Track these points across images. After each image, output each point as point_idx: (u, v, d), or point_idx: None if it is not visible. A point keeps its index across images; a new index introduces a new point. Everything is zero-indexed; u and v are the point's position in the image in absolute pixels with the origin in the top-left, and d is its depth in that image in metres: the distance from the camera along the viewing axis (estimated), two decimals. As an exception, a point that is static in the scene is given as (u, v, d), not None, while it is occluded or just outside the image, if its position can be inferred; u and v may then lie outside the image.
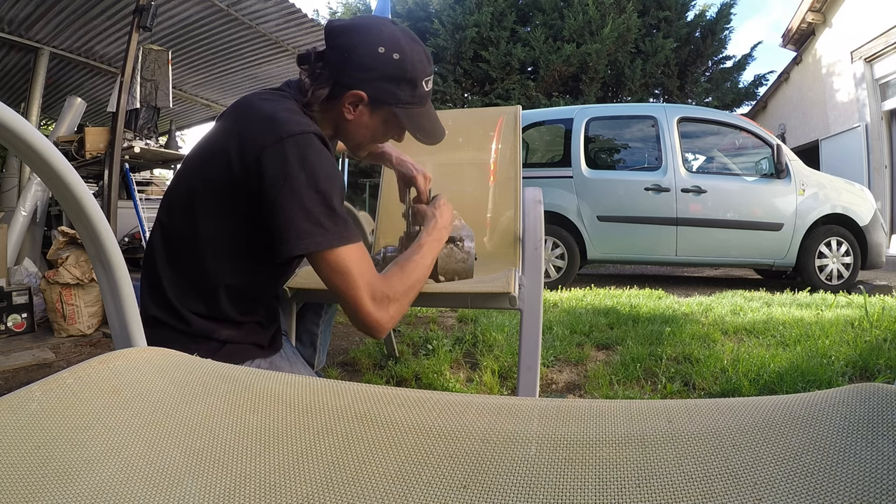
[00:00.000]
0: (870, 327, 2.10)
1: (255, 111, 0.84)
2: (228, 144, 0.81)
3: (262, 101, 0.85)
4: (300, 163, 0.77)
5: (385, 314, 0.82)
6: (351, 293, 0.79)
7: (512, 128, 1.52)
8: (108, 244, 0.54)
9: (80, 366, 0.47)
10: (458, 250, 1.06)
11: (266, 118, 0.81)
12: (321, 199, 0.77)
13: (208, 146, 0.88)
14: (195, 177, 0.87)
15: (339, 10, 11.34)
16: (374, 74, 0.85)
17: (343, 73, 0.85)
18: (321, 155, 0.79)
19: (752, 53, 10.79)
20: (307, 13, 3.73)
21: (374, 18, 0.90)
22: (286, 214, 0.76)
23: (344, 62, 0.85)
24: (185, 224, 0.86)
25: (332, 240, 0.77)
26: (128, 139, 2.96)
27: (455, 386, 1.61)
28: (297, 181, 0.77)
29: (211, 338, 0.86)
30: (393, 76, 0.86)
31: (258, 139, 0.79)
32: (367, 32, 0.86)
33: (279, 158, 0.77)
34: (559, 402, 0.43)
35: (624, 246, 4.28)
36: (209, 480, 0.34)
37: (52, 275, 2.29)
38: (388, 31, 0.87)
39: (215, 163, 0.83)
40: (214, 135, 0.89)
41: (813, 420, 0.35)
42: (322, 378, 0.50)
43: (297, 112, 0.85)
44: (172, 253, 0.87)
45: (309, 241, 0.76)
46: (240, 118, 0.85)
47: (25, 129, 0.42)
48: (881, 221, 4.21)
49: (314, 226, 0.77)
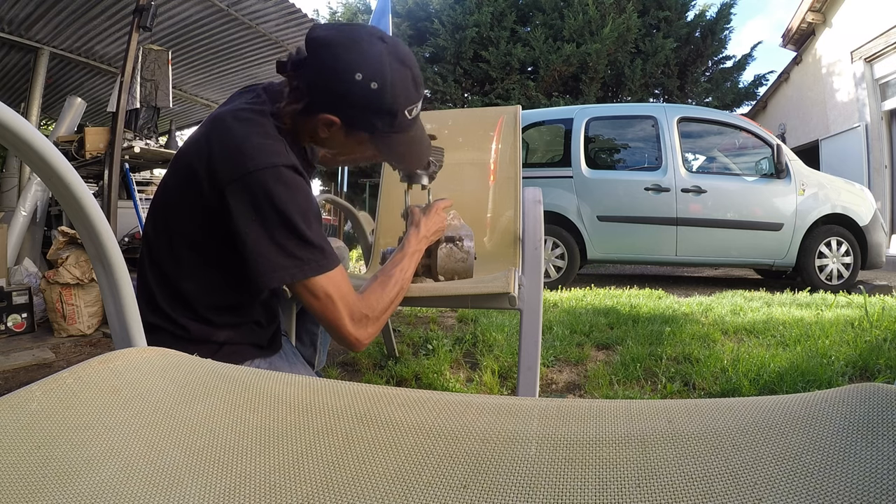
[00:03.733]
0: (870, 327, 2.10)
1: (225, 136, 0.80)
2: (198, 169, 0.80)
3: (234, 123, 0.81)
4: (267, 198, 0.75)
5: (364, 332, 0.84)
6: (330, 316, 0.81)
7: (512, 128, 1.52)
8: (108, 244, 0.54)
9: (80, 366, 0.47)
10: (457, 250, 1.06)
11: (234, 148, 0.78)
12: (292, 232, 0.76)
13: (182, 163, 0.86)
14: (170, 194, 0.86)
15: (339, 9, 11.33)
16: (347, 102, 0.80)
17: (316, 94, 0.80)
18: (290, 186, 0.77)
19: (752, 53, 10.79)
20: (307, 13, 3.73)
21: (359, 33, 0.81)
22: (259, 249, 0.76)
23: (318, 83, 0.79)
24: (164, 242, 0.86)
25: (307, 270, 0.77)
26: (128, 139, 2.96)
27: (455, 386, 1.61)
28: (266, 217, 0.76)
29: (209, 341, 0.86)
30: (368, 107, 0.80)
31: (224, 173, 0.77)
32: (348, 52, 0.78)
33: (246, 194, 0.76)
34: (559, 402, 0.43)
35: (624, 246, 4.28)
36: (209, 480, 0.34)
37: (52, 275, 2.29)
38: (371, 54, 0.78)
39: (187, 186, 0.81)
40: (187, 150, 0.86)
41: (813, 420, 0.35)
42: (322, 378, 0.50)
43: (270, 136, 0.80)
44: (157, 267, 0.87)
45: (283, 274, 0.76)
46: (210, 139, 0.81)
47: (25, 129, 0.42)
48: (881, 221, 4.21)
49: (288, 258, 0.76)
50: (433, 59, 10.19)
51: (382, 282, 0.90)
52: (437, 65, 10.05)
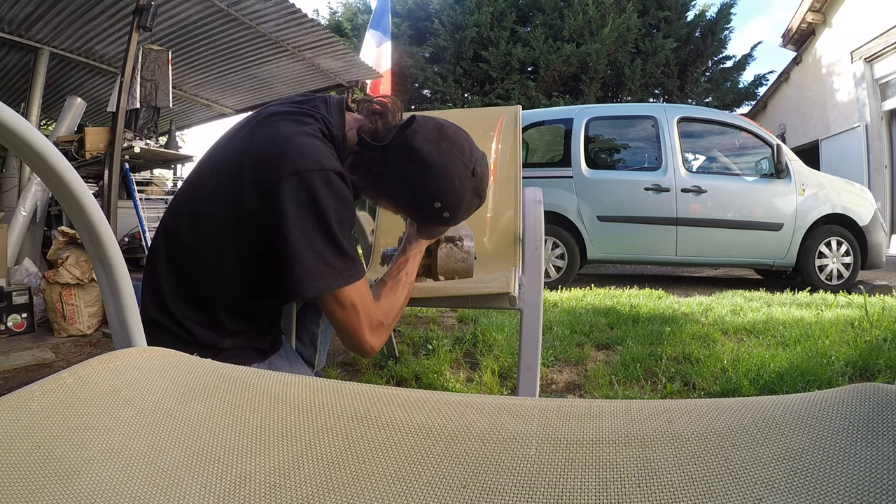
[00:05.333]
0: (870, 327, 2.10)
1: (275, 136, 0.80)
2: (244, 165, 0.80)
3: (285, 124, 0.82)
4: (313, 201, 0.76)
5: (378, 340, 0.85)
6: (352, 326, 0.81)
7: (512, 128, 1.52)
8: (108, 244, 0.54)
9: (80, 366, 0.47)
10: (457, 250, 1.06)
11: (284, 148, 0.78)
12: (332, 240, 0.77)
13: (223, 158, 0.86)
14: (207, 189, 0.85)
15: (339, 9, 11.33)
16: (415, 211, 0.89)
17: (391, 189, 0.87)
18: (336, 192, 0.78)
19: (752, 53, 10.81)
20: (307, 13, 3.72)
21: (455, 163, 0.83)
22: (298, 254, 0.75)
23: (397, 186, 0.86)
24: (191, 239, 0.84)
25: (342, 279, 0.78)
26: (128, 139, 2.96)
27: (455, 386, 1.61)
28: (309, 220, 0.76)
29: (213, 346, 0.85)
30: (432, 222, 0.90)
31: (273, 171, 0.76)
32: (439, 182, 0.82)
33: (292, 194, 0.75)
34: (559, 402, 0.43)
35: (624, 246, 4.28)
36: (209, 480, 0.34)
37: (52, 275, 2.29)
38: (457, 192, 0.84)
39: (228, 182, 0.81)
40: (231, 145, 0.86)
41: (813, 420, 0.35)
42: (322, 378, 0.50)
43: (318, 140, 0.81)
44: (175, 264, 0.85)
45: (320, 283, 0.77)
46: (258, 139, 0.82)
47: (25, 129, 0.42)
48: (881, 221, 4.21)
49: (324, 266, 0.77)
50: (433, 59, 10.19)
51: (392, 287, 0.91)
52: (437, 65, 10.05)
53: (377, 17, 6.13)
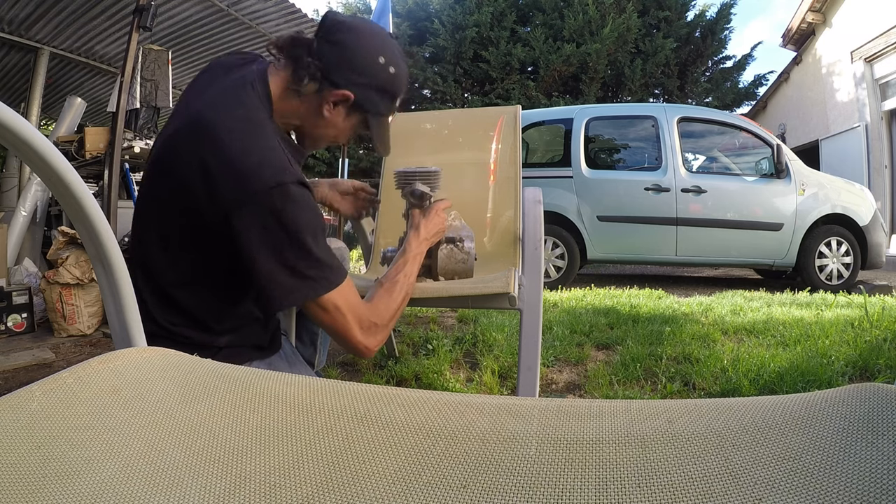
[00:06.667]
0: (870, 327, 2.10)
1: (223, 154, 0.75)
2: (193, 182, 0.75)
3: (229, 136, 0.76)
4: (276, 219, 0.74)
5: (373, 340, 0.84)
6: (340, 328, 0.81)
7: (512, 128, 1.52)
8: (108, 244, 0.54)
9: (80, 366, 0.47)
10: (457, 250, 1.06)
11: (235, 168, 0.74)
12: (303, 253, 0.75)
13: (170, 172, 0.81)
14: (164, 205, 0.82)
15: (338, 9, 11.33)
16: (367, 81, 0.86)
17: (338, 71, 0.83)
18: (298, 204, 0.75)
19: (752, 53, 10.80)
20: (307, 13, 3.73)
21: (376, 24, 0.90)
22: (269, 276, 0.74)
23: (342, 61, 0.83)
24: (160, 252, 0.82)
25: (319, 288, 0.77)
26: (128, 139, 2.96)
27: (455, 386, 1.61)
28: (276, 238, 0.74)
29: (210, 346, 0.84)
30: (383, 87, 0.88)
31: (227, 195, 0.73)
32: (371, 38, 0.86)
33: (254, 217, 0.73)
34: (559, 402, 0.43)
35: (624, 246, 4.28)
36: (209, 480, 0.34)
37: (52, 275, 2.29)
38: (389, 44, 0.88)
39: (185, 200, 0.77)
40: (173, 158, 0.80)
41: (813, 420, 0.35)
42: (322, 378, 0.50)
43: (271, 146, 0.78)
44: (152, 276, 0.83)
45: (297, 296, 0.76)
46: (205, 155, 0.75)
47: (25, 129, 0.42)
48: (881, 221, 4.21)
49: (299, 279, 0.75)
50: (433, 59, 10.19)
51: (388, 289, 0.90)
52: (437, 65, 10.05)
53: (377, 17, 6.10)
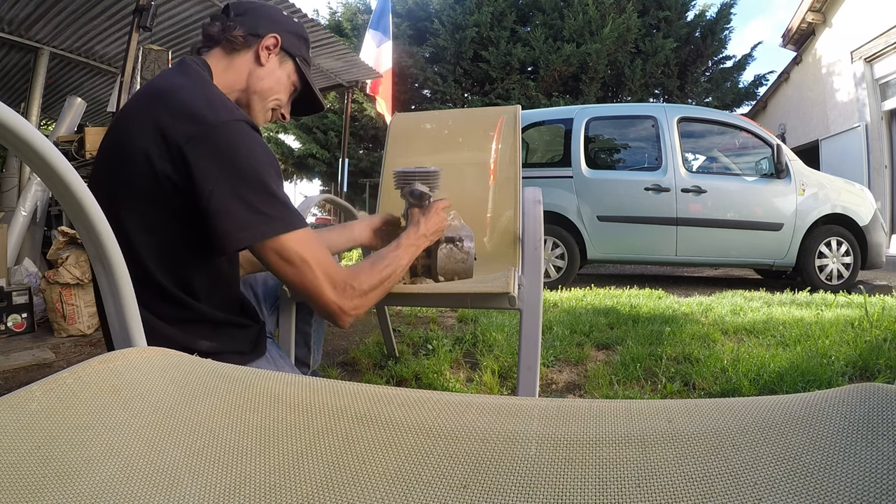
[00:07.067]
0: (870, 327, 2.10)
1: (172, 100, 0.76)
2: (145, 142, 0.74)
3: (176, 88, 0.77)
4: (231, 151, 0.73)
5: (348, 303, 0.79)
6: (309, 283, 0.76)
7: (512, 128, 1.52)
8: (108, 244, 0.54)
9: (80, 366, 0.47)
10: (457, 250, 1.06)
11: (187, 106, 0.74)
12: (259, 187, 0.73)
13: (119, 151, 0.79)
14: (112, 186, 0.78)
15: (339, 9, 11.33)
16: (284, 27, 0.95)
17: (259, 24, 0.92)
18: (252, 140, 0.75)
19: (752, 53, 10.80)
20: (307, 13, 3.73)
21: None
22: (224, 207, 0.71)
23: (257, 17, 0.93)
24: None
25: (277, 227, 0.73)
26: (128, 139, 2.95)
27: (455, 386, 1.61)
28: (231, 171, 0.72)
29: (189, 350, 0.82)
30: (297, 32, 0.98)
31: (181, 130, 0.72)
32: (265, 4, 0.99)
33: (208, 149, 0.72)
34: (559, 402, 0.43)
35: (624, 246, 4.28)
36: (209, 480, 0.34)
37: (52, 275, 2.29)
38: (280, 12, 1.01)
39: (133, 165, 0.75)
40: (122, 136, 0.79)
41: (813, 420, 0.35)
42: (322, 378, 0.50)
43: (218, 93, 0.80)
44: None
45: (254, 231, 0.72)
46: (153, 111, 0.75)
47: (25, 129, 0.42)
48: (881, 221, 4.21)
49: (255, 214, 0.72)
50: (433, 59, 10.19)
51: (373, 262, 0.88)
52: (437, 65, 10.05)
53: (377, 17, 6.13)
